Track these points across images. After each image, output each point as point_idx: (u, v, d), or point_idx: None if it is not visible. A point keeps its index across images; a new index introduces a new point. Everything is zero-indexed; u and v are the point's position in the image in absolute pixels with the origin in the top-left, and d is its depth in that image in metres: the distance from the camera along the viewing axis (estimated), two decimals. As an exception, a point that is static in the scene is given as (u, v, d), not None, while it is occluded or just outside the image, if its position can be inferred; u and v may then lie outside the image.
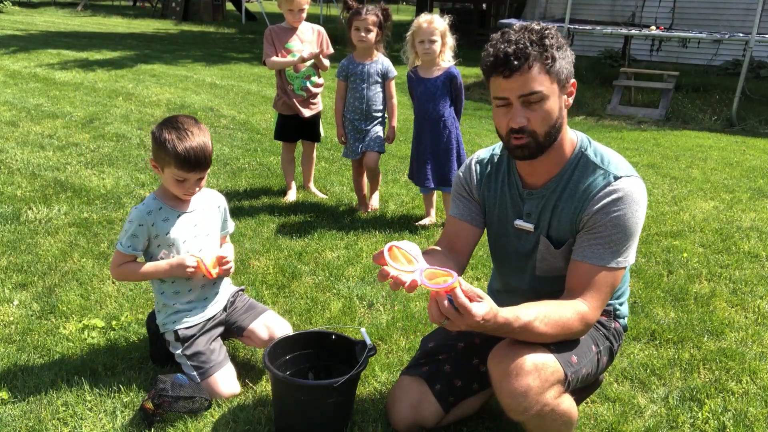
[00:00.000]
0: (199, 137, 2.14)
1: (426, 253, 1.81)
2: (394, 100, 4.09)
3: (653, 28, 9.28)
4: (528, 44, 1.69)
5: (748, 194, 4.94)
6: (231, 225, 2.50)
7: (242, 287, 2.57)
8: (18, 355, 2.44)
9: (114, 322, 2.67)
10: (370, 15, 3.89)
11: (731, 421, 2.23)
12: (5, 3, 20.69)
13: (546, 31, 1.73)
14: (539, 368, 1.71)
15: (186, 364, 2.27)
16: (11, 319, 2.70)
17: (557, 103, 1.75)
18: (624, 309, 2.09)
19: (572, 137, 1.88)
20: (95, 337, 2.58)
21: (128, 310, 2.80)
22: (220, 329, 2.40)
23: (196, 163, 2.13)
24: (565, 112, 1.80)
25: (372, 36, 3.92)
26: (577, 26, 9.14)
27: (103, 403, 2.18)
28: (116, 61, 10.47)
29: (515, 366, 1.71)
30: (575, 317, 1.75)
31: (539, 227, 1.91)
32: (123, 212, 3.93)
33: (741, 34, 8.60)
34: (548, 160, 1.85)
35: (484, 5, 20.90)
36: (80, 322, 2.67)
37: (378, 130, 4.09)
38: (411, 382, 2.05)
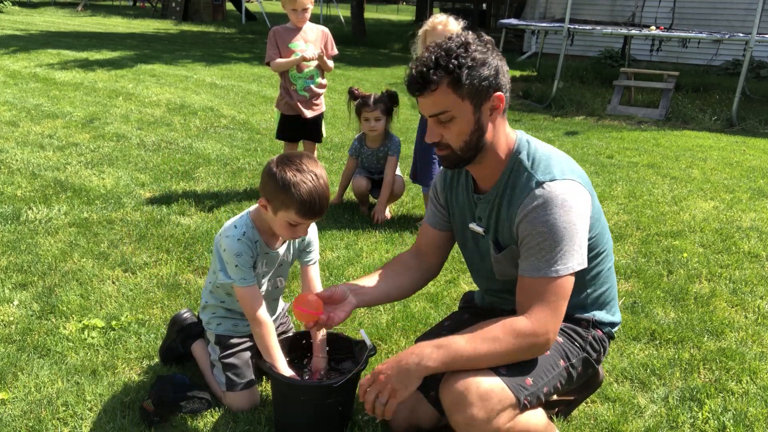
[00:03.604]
0: (321, 180, 1.99)
1: (386, 266, 2.14)
2: (389, 178, 4.07)
3: (653, 28, 9.28)
4: (433, 66, 1.70)
5: (748, 194, 4.95)
6: (316, 252, 2.31)
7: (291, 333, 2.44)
8: (18, 355, 2.44)
9: (114, 322, 2.67)
10: (379, 105, 4.01)
11: (731, 421, 2.23)
12: (5, 3, 20.72)
13: (460, 49, 1.70)
14: (483, 398, 1.71)
15: (219, 368, 2.23)
16: (11, 319, 2.70)
17: (470, 120, 1.76)
18: (606, 316, 2.01)
19: (510, 140, 1.85)
20: (95, 337, 2.58)
21: (128, 310, 2.80)
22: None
23: (320, 211, 1.99)
24: (490, 125, 1.79)
25: (381, 124, 4.05)
26: (577, 26, 9.14)
27: (103, 403, 2.18)
28: (116, 61, 10.47)
29: (459, 397, 1.72)
30: (502, 330, 1.72)
31: (489, 231, 1.92)
32: (123, 212, 3.94)
33: (741, 34, 8.60)
34: (486, 166, 1.86)
35: (484, 5, 20.94)
36: (80, 322, 2.67)
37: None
38: None
